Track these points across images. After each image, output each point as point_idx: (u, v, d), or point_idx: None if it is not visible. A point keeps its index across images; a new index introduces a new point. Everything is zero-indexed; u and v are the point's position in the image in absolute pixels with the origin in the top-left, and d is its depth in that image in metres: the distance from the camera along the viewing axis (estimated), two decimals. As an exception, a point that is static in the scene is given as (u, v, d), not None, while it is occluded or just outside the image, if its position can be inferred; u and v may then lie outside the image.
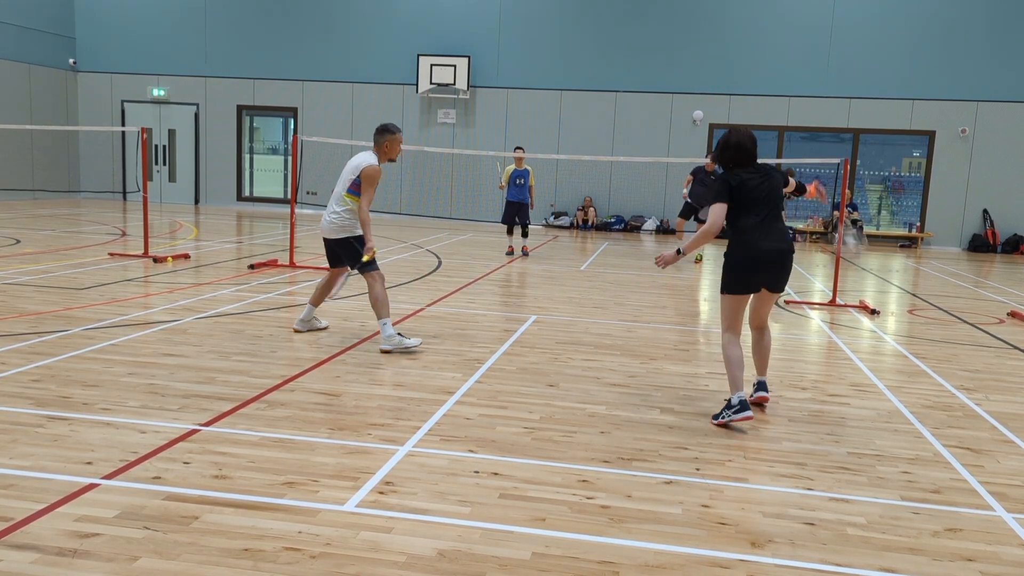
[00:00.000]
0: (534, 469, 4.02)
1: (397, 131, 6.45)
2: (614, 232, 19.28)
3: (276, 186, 22.32)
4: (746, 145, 4.95)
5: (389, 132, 6.41)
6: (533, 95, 19.77)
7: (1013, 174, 18.26)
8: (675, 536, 3.36)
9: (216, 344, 6.27)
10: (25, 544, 3.04)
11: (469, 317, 7.81)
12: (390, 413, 4.79)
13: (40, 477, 3.65)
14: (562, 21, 19.52)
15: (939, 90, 18.27)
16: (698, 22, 19.04)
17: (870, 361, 6.78)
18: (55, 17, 21.06)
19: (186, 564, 2.96)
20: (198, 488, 3.60)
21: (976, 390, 5.95)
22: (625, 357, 6.51)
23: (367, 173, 6.26)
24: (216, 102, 21.27)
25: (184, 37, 21.12)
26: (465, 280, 10.24)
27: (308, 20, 20.52)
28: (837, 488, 3.95)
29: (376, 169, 6.28)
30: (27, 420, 4.39)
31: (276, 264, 10.65)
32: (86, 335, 6.38)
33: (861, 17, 18.39)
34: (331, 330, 6.98)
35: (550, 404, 5.12)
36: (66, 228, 14.43)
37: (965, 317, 9.15)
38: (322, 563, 3.01)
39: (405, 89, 20.22)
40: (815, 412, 5.22)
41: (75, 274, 9.30)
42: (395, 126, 6.45)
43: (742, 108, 18.98)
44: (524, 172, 13.05)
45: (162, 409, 4.67)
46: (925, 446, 4.64)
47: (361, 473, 3.85)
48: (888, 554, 3.29)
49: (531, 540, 3.26)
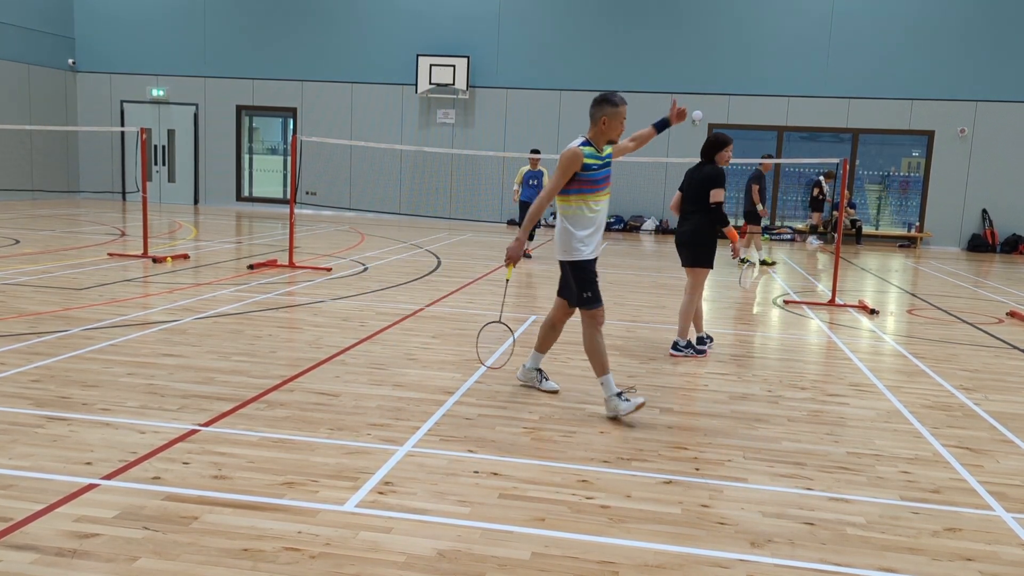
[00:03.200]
0: (534, 469, 4.02)
1: (620, 103, 4.85)
2: (613, 232, 19.28)
3: (275, 186, 22.31)
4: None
5: (609, 103, 4.83)
6: (532, 95, 19.77)
7: (1012, 174, 18.27)
8: (675, 536, 3.36)
9: (215, 344, 6.27)
10: (24, 544, 3.04)
11: (469, 317, 7.81)
12: (390, 413, 4.79)
13: (39, 477, 3.65)
14: (562, 21, 19.53)
15: (938, 90, 18.27)
16: (698, 22, 19.05)
17: (869, 361, 6.78)
18: (54, 17, 21.05)
19: (186, 564, 2.95)
20: (197, 488, 3.60)
21: (975, 390, 5.95)
22: (625, 357, 6.51)
23: (560, 159, 4.88)
24: (215, 102, 21.27)
25: (183, 37, 21.12)
26: (465, 280, 10.24)
27: (307, 20, 20.52)
28: (836, 488, 3.95)
29: (571, 153, 4.79)
30: (26, 420, 4.39)
31: (275, 264, 10.65)
32: (85, 335, 6.37)
33: (860, 17, 18.40)
34: (330, 329, 6.96)
35: (549, 404, 5.11)
36: (65, 228, 14.43)
37: (964, 317, 9.15)
38: (322, 563, 3.00)
39: (404, 89, 20.21)
40: (814, 412, 5.22)
41: (74, 274, 9.29)
42: (618, 97, 4.86)
43: (741, 108, 18.99)
44: (538, 173, 13.03)
45: (161, 409, 4.67)
46: (924, 446, 4.64)
47: (361, 473, 3.85)
48: (888, 554, 3.29)
49: (531, 540, 3.26)
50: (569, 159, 4.78)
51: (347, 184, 20.82)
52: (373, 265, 11.27)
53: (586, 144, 4.86)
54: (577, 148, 4.80)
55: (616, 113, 4.83)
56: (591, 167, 4.82)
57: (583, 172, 4.80)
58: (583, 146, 4.83)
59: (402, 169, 20.56)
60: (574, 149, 4.80)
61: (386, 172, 20.69)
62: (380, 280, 9.85)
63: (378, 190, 20.67)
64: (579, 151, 4.78)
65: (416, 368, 5.84)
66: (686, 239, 6.64)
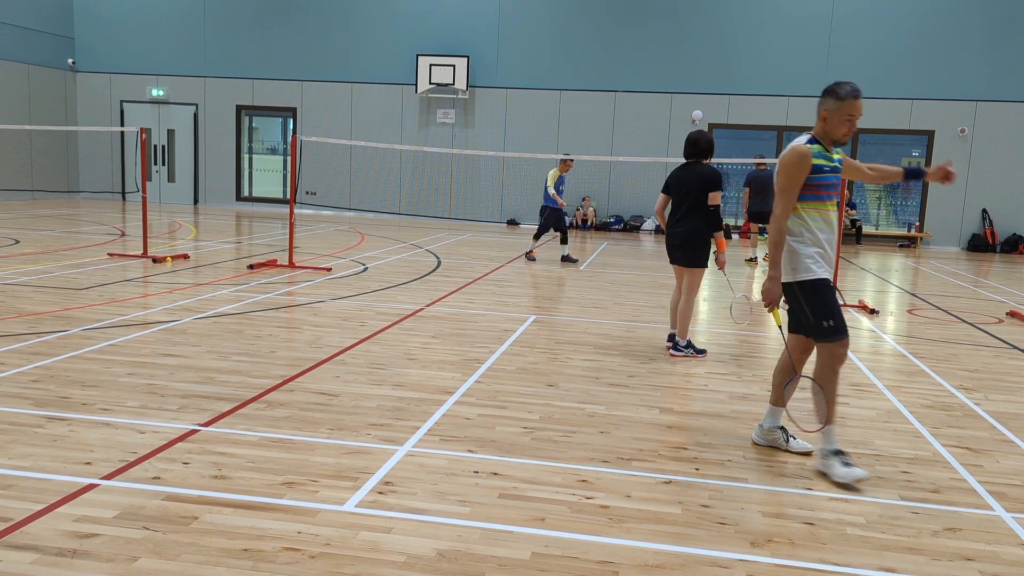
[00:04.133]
0: (533, 469, 4.02)
1: (846, 95, 3.98)
2: (613, 232, 19.28)
3: (275, 186, 22.31)
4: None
5: (831, 96, 4.05)
6: (532, 95, 19.77)
7: (1012, 174, 18.27)
8: (675, 536, 3.36)
9: (215, 344, 6.27)
10: (24, 544, 3.04)
11: (468, 317, 7.81)
12: (389, 413, 4.79)
13: (39, 477, 3.65)
14: (561, 21, 19.52)
15: (938, 90, 18.27)
16: (697, 22, 19.04)
17: (869, 361, 6.78)
18: (54, 17, 21.04)
19: (185, 564, 2.95)
20: (197, 488, 3.60)
21: (975, 390, 5.95)
22: (625, 357, 6.51)
23: (782, 162, 4.12)
24: (215, 102, 21.26)
25: (183, 37, 21.11)
26: (464, 280, 10.24)
27: (307, 20, 20.51)
28: (836, 488, 3.95)
29: (796, 154, 4.04)
30: (26, 420, 4.39)
31: (275, 264, 10.65)
32: (85, 335, 6.37)
33: (860, 17, 18.40)
34: (330, 329, 6.96)
35: (549, 404, 5.12)
36: (65, 228, 14.42)
37: (964, 317, 9.15)
38: (321, 563, 3.00)
39: (404, 89, 20.21)
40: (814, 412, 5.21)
41: (74, 274, 9.29)
42: (846, 87, 4.01)
43: (741, 108, 18.99)
44: (564, 178, 12.69)
45: (161, 409, 4.67)
46: (924, 446, 4.64)
47: (360, 473, 3.85)
48: (887, 554, 3.29)
49: (530, 540, 3.26)
50: (795, 161, 4.02)
51: (347, 184, 20.82)
52: (373, 265, 11.27)
53: (813, 142, 4.11)
54: (804, 147, 4.05)
55: (839, 107, 4.00)
56: (821, 168, 4.05)
57: (812, 175, 4.04)
58: (810, 143, 4.10)
59: (402, 169, 20.56)
60: (800, 148, 4.04)
61: (386, 172, 20.69)
62: (380, 280, 9.85)
63: (378, 190, 20.67)
64: (806, 150, 4.03)
65: (416, 368, 5.84)
66: (684, 241, 6.59)
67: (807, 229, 4.10)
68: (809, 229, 4.10)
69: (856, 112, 3.99)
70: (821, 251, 4.11)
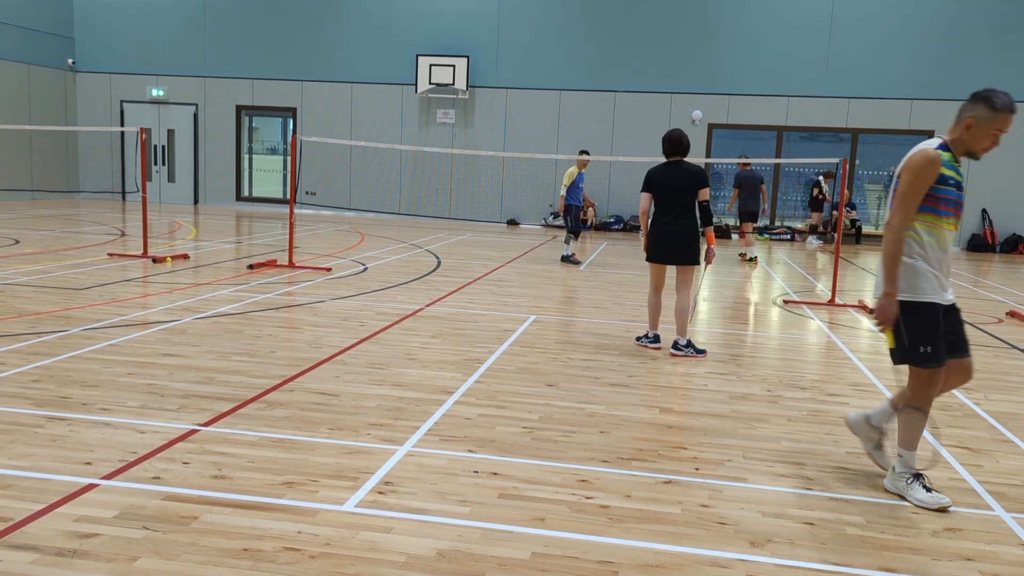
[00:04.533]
0: (533, 469, 4.02)
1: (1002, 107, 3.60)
2: (613, 232, 19.28)
3: (275, 186, 22.31)
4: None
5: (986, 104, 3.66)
6: (532, 95, 19.77)
7: (1012, 174, 18.26)
8: (674, 536, 3.36)
9: (215, 344, 6.27)
10: (24, 544, 3.04)
11: (468, 317, 7.81)
12: (389, 413, 4.79)
13: (39, 477, 3.65)
14: (561, 21, 19.52)
15: (938, 90, 18.26)
16: (697, 22, 19.04)
17: (869, 361, 6.78)
18: (54, 17, 21.04)
19: (185, 564, 2.95)
20: (197, 488, 3.60)
21: (975, 389, 5.94)
22: (625, 357, 6.51)
23: (906, 165, 3.72)
24: (215, 102, 21.26)
25: (183, 37, 21.11)
26: (464, 280, 10.24)
27: (307, 20, 20.51)
28: (836, 488, 3.95)
29: (923, 158, 3.65)
30: (26, 420, 4.39)
31: (275, 264, 10.65)
32: (85, 335, 6.37)
33: (860, 17, 18.39)
34: (330, 329, 6.96)
35: (549, 404, 5.12)
36: (65, 228, 14.42)
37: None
38: (321, 563, 3.00)
39: (404, 89, 20.21)
40: (814, 412, 5.22)
41: (74, 274, 9.29)
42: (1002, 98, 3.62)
43: (741, 108, 18.99)
44: (582, 176, 12.72)
45: (161, 409, 4.67)
46: (924, 445, 4.64)
47: (360, 473, 3.85)
48: (887, 554, 3.29)
49: (530, 540, 3.26)
50: (923, 167, 3.62)
51: (347, 184, 20.82)
52: (373, 265, 11.27)
53: (944, 148, 3.72)
54: (934, 152, 3.65)
55: (991, 119, 3.61)
56: (947, 180, 3.66)
57: (937, 185, 3.65)
58: (941, 150, 3.70)
59: (402, 169, 20.56)
60: (930, 153, 3.64)
61: (386, 172, 20.69)
62: (380, 280, 9.85)
63: (378, 190, 20.67)
64: (936, 156, 3.64)
65: (416, 368, 5.84)
66: (688, 241, 6.62)
67: (920, 244, 3.70)
68: (922, 244, 3.70)
69: (1007, 128, 3.64)
70: (937, 272, 3.72)
